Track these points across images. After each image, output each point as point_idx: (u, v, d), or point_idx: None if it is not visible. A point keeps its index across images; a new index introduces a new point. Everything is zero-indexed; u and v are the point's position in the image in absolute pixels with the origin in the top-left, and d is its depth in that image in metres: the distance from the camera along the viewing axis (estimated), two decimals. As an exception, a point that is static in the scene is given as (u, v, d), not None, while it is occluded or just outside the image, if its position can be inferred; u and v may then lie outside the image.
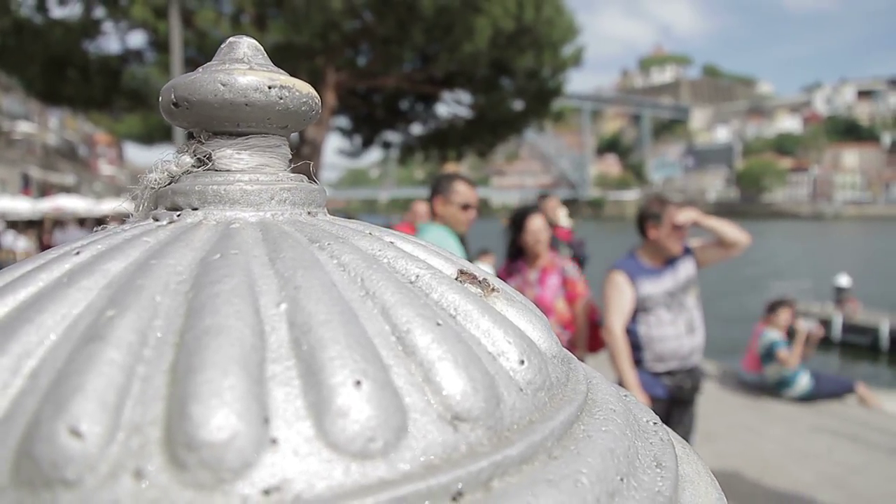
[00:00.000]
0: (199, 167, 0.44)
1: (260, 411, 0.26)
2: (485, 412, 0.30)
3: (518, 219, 3.81)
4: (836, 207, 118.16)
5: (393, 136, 18.16)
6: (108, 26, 12.93)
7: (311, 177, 0.49)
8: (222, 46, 0.46)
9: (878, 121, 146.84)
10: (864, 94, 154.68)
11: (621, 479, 0.32)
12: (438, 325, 0.33)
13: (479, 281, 0.42)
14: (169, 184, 0.45)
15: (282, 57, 11.02)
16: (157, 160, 0.45)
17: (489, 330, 0.36)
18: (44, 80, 13.06)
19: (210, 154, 0.44)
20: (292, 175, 0.47)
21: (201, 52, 12.74)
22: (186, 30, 11.75)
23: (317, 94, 0.46)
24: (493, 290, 0.41)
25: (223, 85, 0.41)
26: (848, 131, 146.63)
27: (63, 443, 0.24)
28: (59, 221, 17.58)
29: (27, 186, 30.58)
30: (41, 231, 17.30)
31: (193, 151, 0.44)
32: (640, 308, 3.37)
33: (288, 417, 0.27)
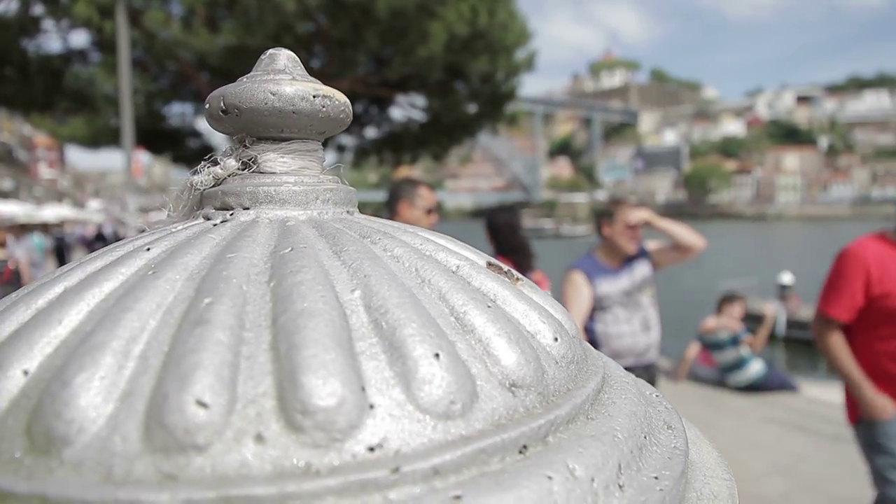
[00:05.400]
0: (243, 170, 0.48)
1: (357, 381, 0.30)
2: (535, 380, 0.35)
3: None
4: (779, 208, 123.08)
5: (347, 140, 18.04)
6: (48, 24, 12.46)
7: None
8: (262, 58, 0.49)
9: (815, 125, 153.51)
10: (802, 100, 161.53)
11: (645, 437, 0.38)
12: (489, 307, 0.38)
13: (505, 272, 0.46)
14: (214, 185, 0.48)
15: (235, 59, 10.82)
16: (201, 164, 0.48)
17: (526, 312, 0.41)
18: (-21, 80, 12.51)
19: (255, 157, 0.47)
20: (330, 177, 0.50)
21: (149, 53, 12.41)
22: (133, 30, 11.42)
23: (349, 103, 0.50)
24: (517, 279, 0.46)
25: (272, 94, 0.45)
26: (788, 135, 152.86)
27: (192, 412, 0.28)
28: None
29: (-40, 192, 29.19)
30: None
31: (238, 155, 0.47)
32: (598, 306, 3.48)
33: (380, 386, 0.31)
